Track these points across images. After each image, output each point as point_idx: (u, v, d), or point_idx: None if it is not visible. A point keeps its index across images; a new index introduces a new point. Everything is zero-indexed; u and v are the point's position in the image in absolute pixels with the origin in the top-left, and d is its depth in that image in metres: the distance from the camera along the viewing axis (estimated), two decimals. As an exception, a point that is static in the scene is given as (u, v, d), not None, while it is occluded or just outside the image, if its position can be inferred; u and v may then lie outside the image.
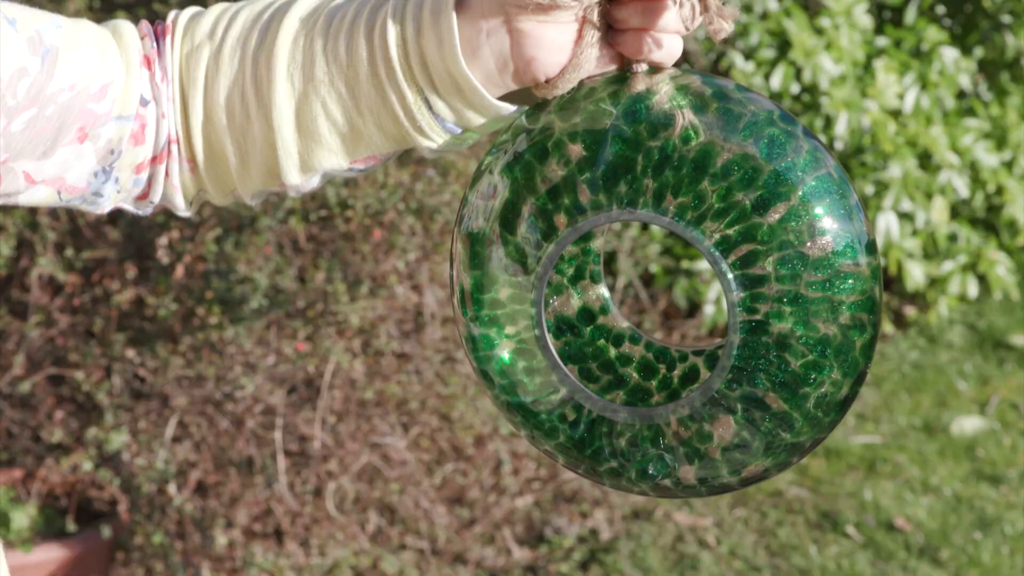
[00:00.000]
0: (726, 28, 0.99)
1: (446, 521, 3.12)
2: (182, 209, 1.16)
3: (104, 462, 2.96)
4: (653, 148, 0.97)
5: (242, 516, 2.95)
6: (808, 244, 0.98)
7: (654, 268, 3.95)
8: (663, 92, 0.98)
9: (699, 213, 0.98)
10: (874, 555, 3.39)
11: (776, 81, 3.98)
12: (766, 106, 1.01)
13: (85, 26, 1.08)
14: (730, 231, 0.98)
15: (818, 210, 0.98)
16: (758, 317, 0.99)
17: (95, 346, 2.95)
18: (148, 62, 1.11)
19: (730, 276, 0.99)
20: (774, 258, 0.98)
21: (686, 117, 0.97)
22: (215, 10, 1.12)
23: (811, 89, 4.06)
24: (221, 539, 2.89)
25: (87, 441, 2.91)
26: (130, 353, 2.92)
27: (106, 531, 2.94)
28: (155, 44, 1.12)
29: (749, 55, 4.04)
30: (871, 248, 1.00)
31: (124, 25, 1.11)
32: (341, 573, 2.98)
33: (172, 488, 2.90)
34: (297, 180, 1.10)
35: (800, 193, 0.98)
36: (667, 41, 1.00)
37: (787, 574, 3.31)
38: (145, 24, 1.13)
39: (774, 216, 0.98)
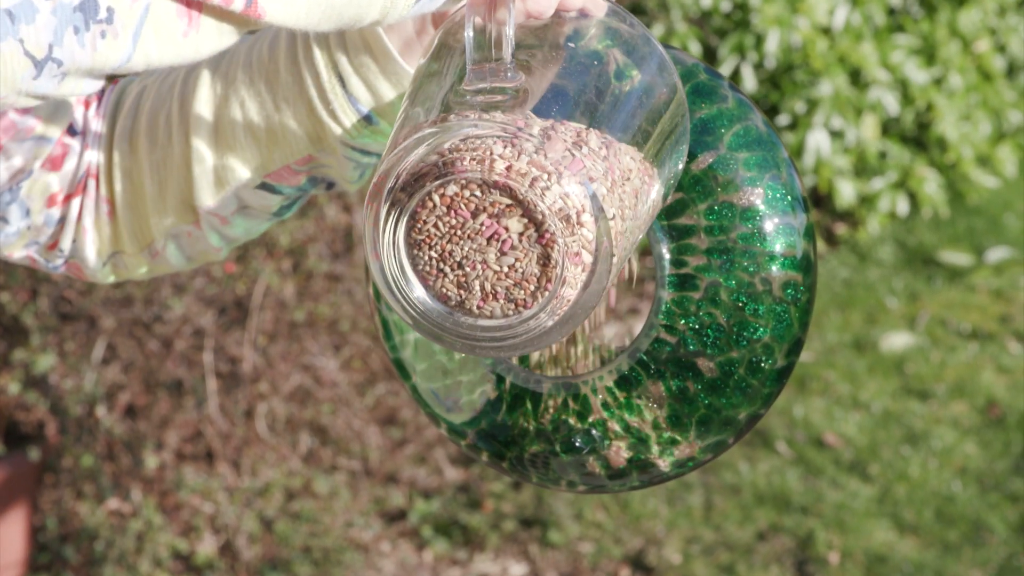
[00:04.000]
0: None
1: (378, 442, 3.12)
2: (92, 263, 1.09)
3: (31, 384, 2.93)
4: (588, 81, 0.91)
5: (172, 438, 2.93)
6: (737, 194, 0.95)
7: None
8: (591, 34, 0.93)
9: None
10: (804, 471, 3.42)
11: (707, -2, 3.96)
12: (689, 61, 0.98)
13: None
14: None
15: (747, 160, 0.95)
16: (687, 271, 0.95)
17: (21, 267, 2.91)
18: (87, 104, 1.07)
19: (657, 226, 0.96)
20: (702, 207, 0.95)
21: (618, 57, 0.93)
22: None
23: (742, 6, 4.04)
24: (151, 461, 2.88)
25: (13, 363, 2.88)
26: (56, 275, 2.88)
27: (34, 453, 2.91)
28: (102, 90, 1.08)
29: (680, -29, 4.02)
30: (804, 205, 0.97)
31: None
32: (273, 494, 2.97)
33: (101, 410, 2.88)
34: (211, 201, 1.04)
35: (727, 142, 0.95)
36: None
37: (718, 490, 3.33)
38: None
39: (702, 164, 0.95)
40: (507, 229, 0.83)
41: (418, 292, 0.86)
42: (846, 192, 4.22)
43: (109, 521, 2.88)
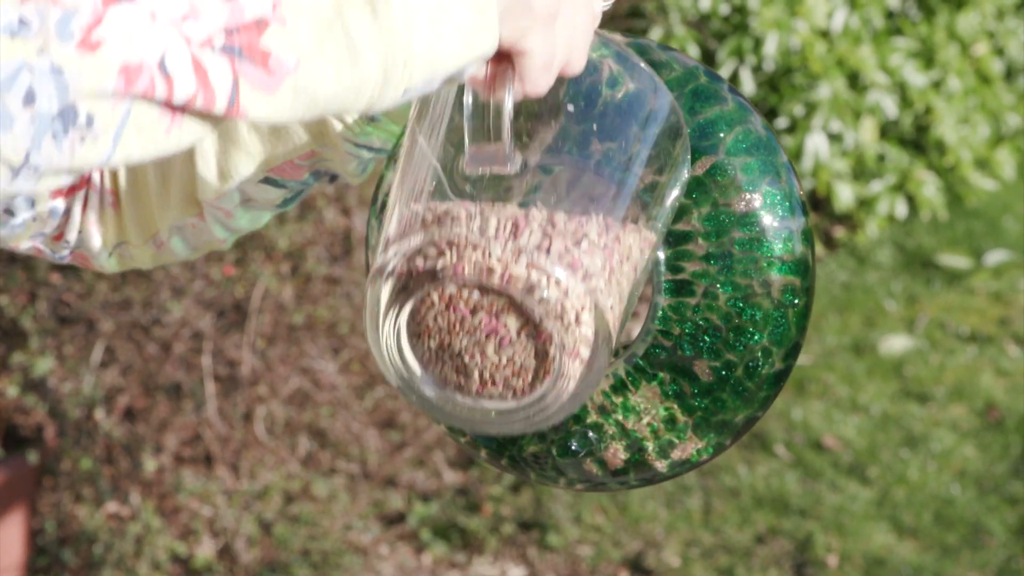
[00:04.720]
0: None
1: (377, 445, 3.12)
2: (98, 253, 1.09)
3: (30, 387, 2.93)
4: (579, 93, 0.90)
5: (171, 441, 2.93)
6: (736, 199, 0.94)
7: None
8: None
9: (625, 159, 0.92)
10: (803, 474, 3.42)
11: (705, 2, 3.96)
12: (690, 63, 0.97)
13: None
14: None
15: (746, 165, 0.95)
16: (683, 276, 0.95)
17: (20, 270, 2.91)
18: None
19: None
20: (700, 213, 0.94)
21: (611, 66, 0.92)
22: None
23: (740, 9, 4.05)
24: (150, 464, 2.88)
25: (12, 366, 2.88)
26: (55, 278, 2.88)
27: (33, 457, 2.91)
28: None
29: (679, -26, 4.02)
30: (803, 209, 0.96)
31: None
32: (271, 497, 2.97)
33: (100, 413, 2.88)
34: (213, 195, 1.04)
35: (726, 147, 0.95)
36: None
37: (717, 493, 3.33)
38: None
39: (699, 170, 0.94)
40: (506, 326, 0.84)
41: (418, 376, 0.87)
42: (845, 195, 4.22)
43: (108, 524, 2.88)
